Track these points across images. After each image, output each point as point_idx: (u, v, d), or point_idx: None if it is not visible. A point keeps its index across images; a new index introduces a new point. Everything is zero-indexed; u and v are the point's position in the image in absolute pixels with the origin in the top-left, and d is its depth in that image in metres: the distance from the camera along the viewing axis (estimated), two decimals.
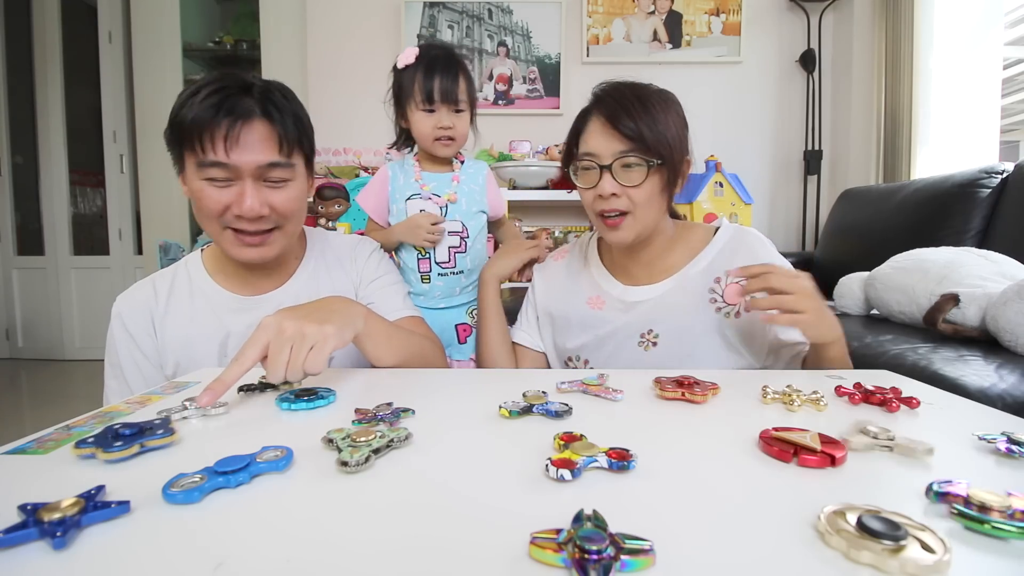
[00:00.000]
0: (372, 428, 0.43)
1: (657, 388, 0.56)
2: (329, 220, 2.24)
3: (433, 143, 1.04)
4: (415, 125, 1.04)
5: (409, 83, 1.01)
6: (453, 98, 1.00)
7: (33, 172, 3.31)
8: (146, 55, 2.97)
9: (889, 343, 1.21)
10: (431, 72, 0.99)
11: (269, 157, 0.74)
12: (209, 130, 0.70)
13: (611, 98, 0.80)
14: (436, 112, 1.01)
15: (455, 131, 1.03)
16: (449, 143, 1.04)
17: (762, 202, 2.73)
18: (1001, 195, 1.67)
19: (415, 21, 2.64)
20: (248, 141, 0.72)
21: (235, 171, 0.72)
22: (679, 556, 0.27)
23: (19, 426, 2.21)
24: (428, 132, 1.03)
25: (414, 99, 1.01)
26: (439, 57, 1.01)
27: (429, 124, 1.02)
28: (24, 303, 3.33)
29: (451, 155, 1.08)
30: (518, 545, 0.28)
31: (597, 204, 0.81)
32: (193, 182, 0.74)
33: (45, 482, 0.37)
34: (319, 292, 0.87)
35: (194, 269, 0.86)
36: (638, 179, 0.77)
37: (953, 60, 2.11)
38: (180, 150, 0.74)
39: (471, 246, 1.10)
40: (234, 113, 0.71)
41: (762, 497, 0.34)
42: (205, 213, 0.75)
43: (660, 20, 2.67)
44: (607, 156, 0.78)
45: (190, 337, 0.81)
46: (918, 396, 0.52)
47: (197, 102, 0.71)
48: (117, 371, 0.82)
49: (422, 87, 0.99)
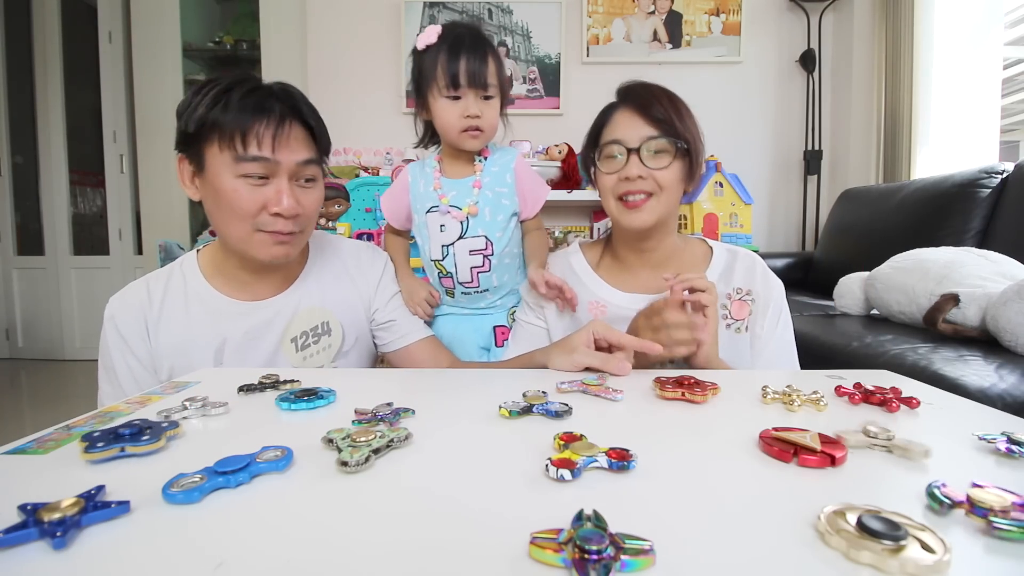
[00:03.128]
0: (372, 428, 0.43)
1: (657, 388, 0.56)
2: (329, 220, 2.24)
3: (459, 135, 0.90)
4: (438, 115, 0.90)
5: (431, 66, 0.87)
6: (481, 81, 0.86)
7: (33, 172, 3.31)
8: (146, 55, 2.97)
9: (889, 343, 1.21)
10: (456, 52, 0.85)
11: (305, 155, 0.76)
12: (255, 127, 0.71)
13: (639, 89, 0.84)
14: (462, 99, 0.88)
15: (484, 120, 0.89)
16: (477, 135, 0.90)
17: (762, 202, 2.73)
18: (1001, 195, 1.67)
19: (415, 21, 2.64)
20: (291, 140, 0.74)
21: (274, 168, 0.73)
22: (679, 556, 0.27)
23: (19, 426, 2.21)
24: (453, 122, 0.89)
25: (436, 84, 0.87)
26: (465, 35, 0.88)
27: (454, 113, 0.88)
28: (24, 303, 3.33)
29: (479, 149, 0.95)
30: (518, 545, 0.28)
31: (620, 187, 0.82)
32: (225, 180, 0.73)
33: (45, 482, 0.37)
34: (323, 300, 0.86)
35: (190, 271, 0.84)
36: (665, 162, 0.80)
37: (953, 60, 2.11)
38: (202, 149, 0.73)
39: (496, 263, 0.95)
40: (276, 112, 0.73)
41: (762, 497, 0.34)
42: (239, 213, 0.74)
43: (660, 20, 2.67)
44: (635, 140, 0.80)
45: (185, 342, 0.79)
46: (918, 396, 0.52)
47: (235, 100, 0.71)
48: (111, 375, 0.80)
49: (446, 70, 0.86)
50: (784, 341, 0.85)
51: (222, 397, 0.52)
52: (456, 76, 0.85)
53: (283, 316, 0.83)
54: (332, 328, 0.86)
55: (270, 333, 0.82)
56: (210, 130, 0.72)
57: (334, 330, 0.86)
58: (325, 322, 0.86)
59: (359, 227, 2.24)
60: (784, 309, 0.86)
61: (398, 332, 0.92)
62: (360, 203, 2.27)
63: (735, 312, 0.84)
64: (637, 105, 0.82)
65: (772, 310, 0.84)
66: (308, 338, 0.84)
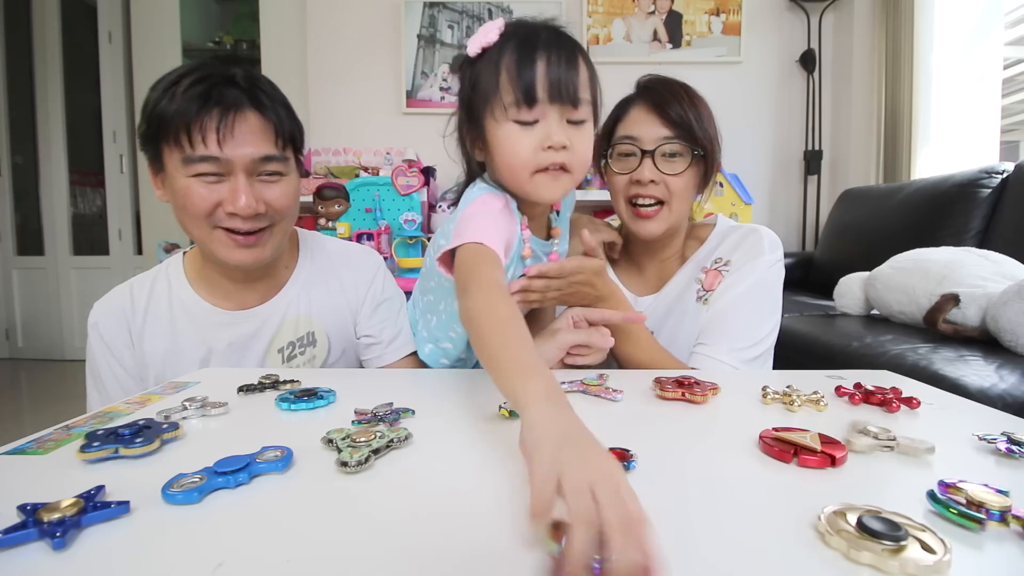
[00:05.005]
0: (372, 428, 0.43)
1: (657, 388, 0.56)
2: (329, 220, 2.24)
3: (532, 178, 0.62)
4: (500, 149, 0.63)
5: (491, 77, 0.61)
6: (571, 95, 0.60)
7: (33, 172, 3.31)
8: (146, 55, 2.97)
9: (889, 343, 1.21)
10: (529, 53, 0.59)
11: (263, 150, 0.69)
12: (198, 122, 0.64)
13: (658, 86, 0.79)
14: (540, 122, 0.61)
15: (573, 154, 0.62)
16: (559, 176, 0.63)
17: (762, 202, 2.73)
18: (1001, 195, 1.67)
19: (415, 21, 2.64)
20: (241, 133, 0.67)
21: (227, 166, 0.67)
22: (679, 556, 0.27)
23: (19, 426, 2.21)
24: (525, 158, 0.61)
25: (501, 102, 0.61)
26: (541, 31, 0.62)
27: (527, 144, 0.61)
28: (24, 303, 3.33)
29: (561, 198, 0.67)
30: (518, 545, 0.28)
31: (631, 189, 0.78)
32: (177, 180, 0.68)
33: (45, 482, 0.37)
34: (309, 309, 0.81)
35: (175, 276, 0.80)
36: (679, 168, 0.76)
37: (953, 60, 2.10)
38: (158, 147, 0.68)
39: None
40: (224, 103, 0.65)
41: (762, 497, 0.34)
42: (192, 213, 0.69)
43: (660, 20, 2.67)
44: (650, 141, 0.76)
45: (170, 352, 0.76)
46: (918, 396, 0.52)
47: (180, 92, 0.65)
48: (98, 383, 0.78)
49: (515, 78, 0.59)
50: (734, 302, 0.76)
51: (222, 397, 0.52)
52: (531, 85, 0.59)
53: (269, 326, 0.79)
54: (317, 339, 0.82)
55: (256, 343, 0.79)
56: (160, 126, 0.66)
57: (319, 341, 0.82)
58: (311, 332, 0.82)
59: (359, 227, 2.23)
60: (756, 273, 0.77)
61: (377, 351, 0.85)
62: (360, 203, 2.27)
63: (707, 283, 0.81)
64: (655, 102, 0.77)
65: (739, 273, 0.77)
66: (295, 348, 0.81)
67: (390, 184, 2.26)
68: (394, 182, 2.25)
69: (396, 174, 2.26)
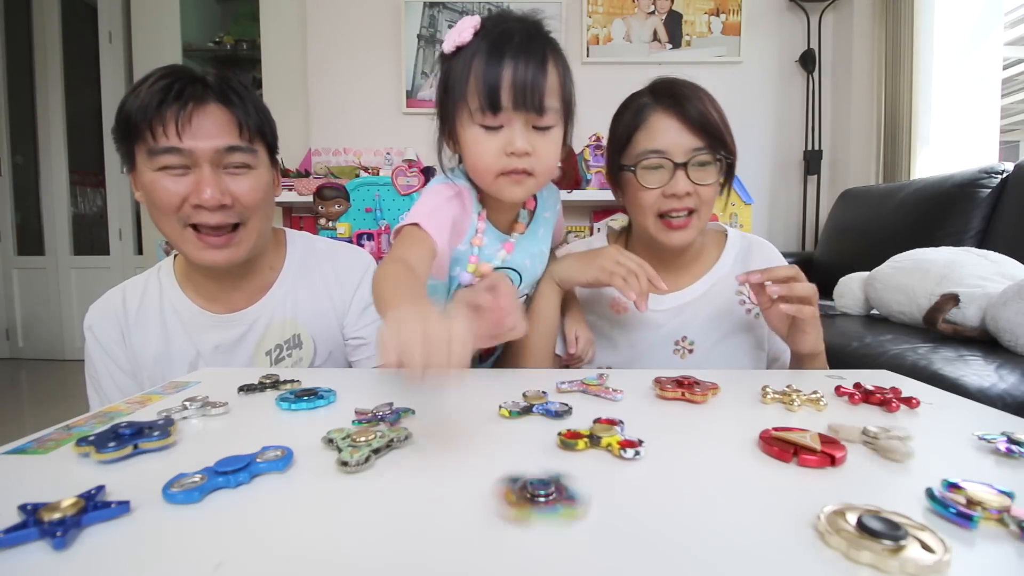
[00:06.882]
0: (372, 428, 0.43)
1: (657, 388, 0.56)
2: (329, 220, 2.24)
3: (495, 180, 0.64)
4: (467, 150, 0.65)
5: (462, 75, 0.61)
6: (535, 102, 0.60)
7: (33, 172, 3.31)
8: (146, 55, 2.97)
9: (889, 343, 1.21)
10: (498, 55, 0.59)
11: (227, 140, 0.69)
12: (159, 114, 0.65)
13: (679, 92, 0.75)
14: (504, 127, 0.62)
15: (536, 160, 0.63)
16: (521, 180, 0.64)
17: (762, 202, 2.73)
18: (1001, 195, 1.67)
19: (415, 21, 2.64)
20: (203, 125, 0.67)
21: (190, 157, 0.67)
22: (679, 555, 0.27)
23: (19, 426, 2.21)
24: (488, 161, 0.63)
25: (467, 106, 0.62)
26: (515, 31, 0.61)
27: (490, 148, 0.62)
28: (24, 303, 3.34)
29: (524, 199, 0.70)
30: (518, 545, 0.28)
31: (664, 204, 0.76)
32: (145, 175, 0.68)
33: (45, 482, 0.37)
34: (295, 311, 0.81)
35: (166, 279, 0.80)
36: (711, 177, 0.75)
37: (953, 60, 2.11)
38: (129, 144, 0.69)
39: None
40: (184, 96, 0.66)
41: (762, 497, 0.34)
42: (160, 208, 0.68)
43: (660, 20, 2.67)
44: (681, 153, 0.73)
45: (162, 354, 0.77)
46: (918, 396, 0.52)
47: (145, 89, 0.66)
48: (96, 384, 0.79)
49: (482, 86, 0.60)
50: None
51: (222, 397, 0.52)
52: (495, 92, 0.59)
53: (256, 329, 0.79)
54: (303, 341, 0.81)
55: (243, 347, 0.79)
56: (127, 123, 0.67)
57: (305, 344, 0.82)
58: (296, 335, 0.81)
59: (359, 227, 2.24)
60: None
61: (365, 352, 0.83)
62: (360, 203, 2.27)
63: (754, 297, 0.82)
64: (679, 110, 0.73)
65: None
66: (282, 351, 0.80)
67: (390, 184, 2.26)
68: (394, 182, 2.26)
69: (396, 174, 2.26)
